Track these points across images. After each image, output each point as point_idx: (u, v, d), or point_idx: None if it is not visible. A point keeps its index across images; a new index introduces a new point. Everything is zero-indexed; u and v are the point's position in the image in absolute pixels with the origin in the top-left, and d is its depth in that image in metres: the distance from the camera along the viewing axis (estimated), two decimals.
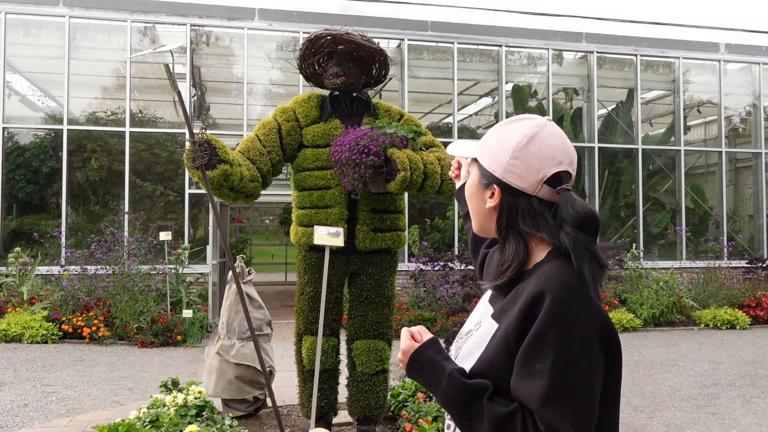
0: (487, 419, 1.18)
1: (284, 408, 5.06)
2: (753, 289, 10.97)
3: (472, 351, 1.30)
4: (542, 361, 1.16)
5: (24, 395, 5.83)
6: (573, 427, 1.13)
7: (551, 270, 1.23)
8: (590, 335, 1.18)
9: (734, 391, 6.25)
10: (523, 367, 1.18)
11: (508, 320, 1.24)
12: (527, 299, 1.21)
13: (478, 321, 1.38)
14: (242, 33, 10.72)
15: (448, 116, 12.97)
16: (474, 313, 1.46)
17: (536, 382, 1.15)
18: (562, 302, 1.17)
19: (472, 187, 1.40)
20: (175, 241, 9.81)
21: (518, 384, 1.18)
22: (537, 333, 1.17)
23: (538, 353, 1.16)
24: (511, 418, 1.16)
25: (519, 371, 1.19)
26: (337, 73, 4.02)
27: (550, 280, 1.20)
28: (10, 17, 10.17)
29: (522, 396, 1.17)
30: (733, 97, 13.27)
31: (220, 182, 3.48)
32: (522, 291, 1.25)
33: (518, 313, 1.21)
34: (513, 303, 1.26)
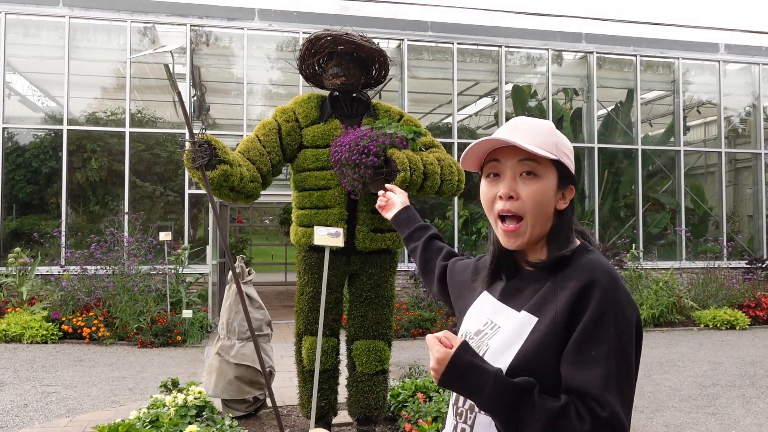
0: (539, 416, 1.17)
1: (284, 408, 5.06)
2: (753, 289, 10.97)
3: (507, 346, 1.28)
4: (598, 348, 1.19)
5: (24, 395, 5.83)
6: (626, 413, 1.18)
7: (595, 262, 1.27)
8: (632, 324, 1.23)
9: (734, 391, 6.26)
10: (578, 355, 1.21)
11: (554, 311, 1.25)
12: (577, 289, 1.24)
13: (488, 320, 1.38)
14: (242, 33, 10.73)
15: (448, 116, 12.97)
16: (477, 312, 1.45)
17: (595, 369, 1.18)
18: (613, 292, 1.22)
19: (550, 190, 1.33)
20: (174, 241, 9.81)
21: (574, 371, 1.20)
22: (592, 322, 1.20)
23: (595, 341, 1.20)
24: (565, 412, 1.17)
25: (573, 359, 1.21)
26: (336, 74, 4.02)
27: (597, 270, 1.25)
28: (10, 17, 10.18)
29: (580, 382, 1.18)
30: (733, 97, 13.28)
31: (220, 182, 3.48)
32: (563, 283, 1.27)
33: (568, 302, 1.24)
34: (553, 295, 1.28)
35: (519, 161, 1.32)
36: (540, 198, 1.31)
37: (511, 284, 1.40)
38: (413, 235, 1.92)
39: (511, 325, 1.31)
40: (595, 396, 1.16)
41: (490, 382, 1.19)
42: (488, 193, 1.37)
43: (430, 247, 1.87)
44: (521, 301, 1.34)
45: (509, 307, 1.36)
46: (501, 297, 1.40)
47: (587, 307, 1.22)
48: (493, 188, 1.36)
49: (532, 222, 1.32)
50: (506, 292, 1.39)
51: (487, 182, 1.38)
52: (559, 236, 1.34)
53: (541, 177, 1.32)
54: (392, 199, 2.05)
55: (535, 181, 1.31)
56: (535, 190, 1.31)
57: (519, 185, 1.32)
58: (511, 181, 1.32)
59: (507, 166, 1.33)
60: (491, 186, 1.36)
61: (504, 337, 1.30)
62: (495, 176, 1.36)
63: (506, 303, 1.37)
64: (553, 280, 1.30)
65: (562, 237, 1.34)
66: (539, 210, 1.32)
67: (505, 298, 1.39)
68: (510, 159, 1.33)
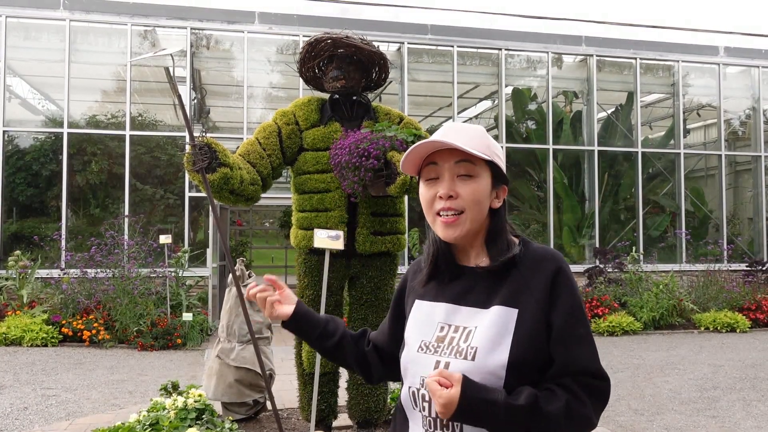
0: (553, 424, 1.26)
1: (284, 411, 5.06)
2: (753, 292, 10.96)
3: (497, 342, 1.30)
4: (583, 325, 1.34)
5: (24, 398, 5.82)
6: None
7: (547, 249, 1.41)
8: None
9: (734, 394, 6.25)
10: (570, 335, 1.33)
11: (534, 299, 1.33)
12: (550, 275, 1.35)
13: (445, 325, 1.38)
14: (242, 36, 10.74)
15: (448, 119, 12.98)
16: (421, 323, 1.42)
17: (585, 345, 1.33)
18: (570, 272, 1.38)
19: (485, 190, 1.40)
20: (175, 244, 9.80)
21: (572, 351, 1.32)
22: (573, 303, 1.34)
23: (579, 319, 1.34)
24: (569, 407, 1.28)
25: (567, 339, 1.32)
26: (337, 77, 4.03)
27: (555, 256, 1.38)
28: (11, 20, 10.19)
29: (580, 362, 1.32)
30: (733, 100, 13.29)
31: (220, 185, 3.48)
32: (528, 272, 1.36)
33: (544, 289, 1.34)
34: (524, 284, 1.35)
35: (456, 163, 1.38)
36: (477, 196, 1.38)
37: (458, 286, 1.43)
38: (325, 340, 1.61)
39: (486, 322, 1.33)
40: (594, 371, 1.33)
41: (502, 412, 1.24)
42: (427, 194, 1.42)
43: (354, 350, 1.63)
44: (481, 299, 1.38)
45: (468, 306, 1.38)
46: (452, 300, 1.41)
47: (562, 290, 1.34)
48: (432, 189, 1.41)
49: (471, 217, 1.39)
50: (457, 294, 1.41)
51: (426, 185, 1.43)
52: (497, 236, 1.42)
53: (476, 177, 1.39)
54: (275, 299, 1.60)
55: (472, 181, 1.38)
56: (473, 189, 1.38)
57: (457, 185, 1.38)
58: (449, 182, 1.39)
59: (445, 168, 1.40)
60: (430, 188, 1.42)
61: (488, 334, 1.31)
62: (434, 179, 1.42)
63: (462, 304, 1.40)
64: (516, 273, 1.36)
65: (500, 237, 1.42)
66: (477, 207, 1.39)
67: (459, 299, 1.41)
68: (447, 161, 1.39)
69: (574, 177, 12.67)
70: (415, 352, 1.39)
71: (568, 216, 12.19)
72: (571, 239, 12.09)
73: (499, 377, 1.28)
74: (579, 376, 1.31)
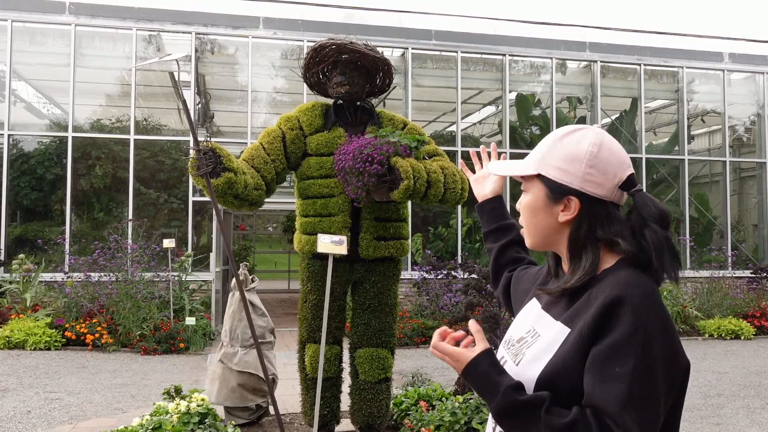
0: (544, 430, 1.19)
1: (287, 416, 5.05)
2: (757, 299, 10.93)
3: (540, 356, 1.29)
4: (622, 365, 1.17)
5: (27, 402, 5.83)
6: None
7: (629, 277, 1.26)
8: (667, 349, 1.21)
9: (738, 401, 6.22)
10: (601, 369, 1.20)
11: (582, 323, 1.26)
12: (604, 303, 1.23)
13: (531, 328, 1.40)
14: (247, 41, 10.77)
15: (452, 125, 13.00)
16: (522, 320, 1.47)
17: (616, 385, 1.17)
18: (644, 310, 1.21)
19: (536, 203, 1.39)
20: (178, 248, 9.82)
21: (595, 386, 1.19)
22: (619, 337, 1.19)
23: (619, 357, 1.18)
24: (571, 428, 1.18)
25: (596, 373, 1.20)
26: (341, 82, 4.04)
27: (630, 287, 1.23)
28: (17, 25, 10.24)
29: (600, 398, 1.18)
30: (737, 106, 13.27)
31: (224, 190, 3.49)
32: (597, 295, 1.27)
33: (594, 315, 1.24)
34: (586, 307, 1.28)
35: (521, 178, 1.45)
36: (528, 211, 1.40)
37: (561, 293, 1.41)
38: (492, 235, 1.82)
39: (548, 336, 1.33)
40: (612, 413, 1.16)
41: (499, 395, 1.23)
42: None
43: (503, 257, 1.81)
44: (559, 311, 1.36)
45: (550, 315, 1.38)
46: (545, 305, 1.42)
47: (615, 322, 1.21)
48: None
49: (527, 231, 1.43)
50: (550, 301, 1.42)
51: None
52: (576, 250, 1.35)
53: (528, 192, 1.41)
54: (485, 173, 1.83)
55: (525, 196, 1.42)
56: (525, 204, 1.42)
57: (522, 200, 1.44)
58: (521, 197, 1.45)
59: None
60: None
61: (540, 347, 1.32)
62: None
63: (548, 311, 1.40)
64: (590, 292, 1.30)
65: (581, 250, 1.34)
66: (531, 221, 1.41)
67: (548, 306, 1.41)
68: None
69: None
70: (504, 340, 1.47)
71: None
72: None
73: (528, 390, 1.27)
74: (598, 411, 1.18)
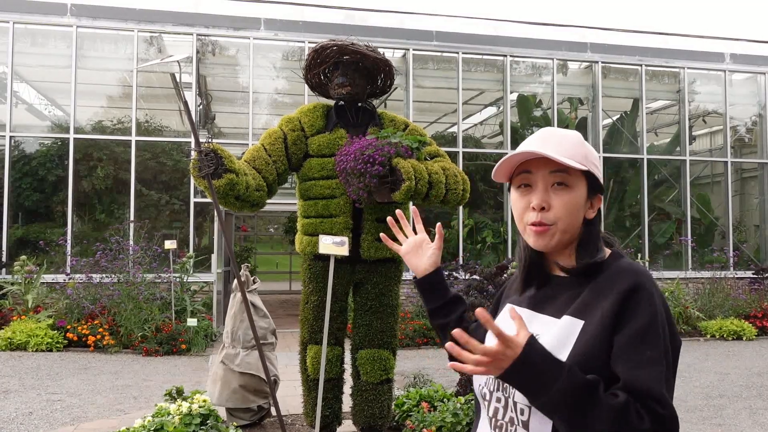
0: (605, 414, 1.17)
1: (288, 417, 5.05)
2: (759, 299, 10.92)
3: (558, 351, 1.26)
4: (654, 349, 1.23)
5: (29, 403, 5.83)
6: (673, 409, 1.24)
7: (634, 266, 1.32)
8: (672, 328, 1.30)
9: (740, 402, 6.22)
10: (634, 355, 1.22)
11: (600, 313, 1.27)
12: (624, 291, 1.26)
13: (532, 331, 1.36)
14: (248, 43, 10.78)
15: (453, 125, 12.99)
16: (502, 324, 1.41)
17: (654, 368, 1.21)
18: (659, 295, 1.28)
19: (581, 200, 1.36)
20: (180, 249, 9.83)
21: (633, 371, 1.21)
22: (644, 322, 1.24)
23: (649, 341, 1.23)
24: (626, 409, 1.18)
25: (629, 359, 1.22)
26: (342, 83, 4.04)
27: (641, 274, 1.29)
28: (18, 27, 10.26)
29: (641, 382, 1.20)
30: (739, 107, 13.26)
31: (226, 191, 3.49)
32: (606, 286, 1.30)
33: (615, 303, 1.26)
34: (597, 298, 1.29)
35: (551, 172, 1.34)
36: (571, 208, 1.34)
37: (541, 293, 1.42)
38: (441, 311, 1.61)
39: (554, 331, 1.32)
40: (657, 395, 1.19)
41: (564, 374, 1.17)
42: (520, 203, 1.39)
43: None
44: (558, 308, 1.35)
45: (545, 315, 1.37)
46: (532, 306, 1.41)
47: (637, 309, 1.25)
48: (524, 198, 1.38)
49: (562, 228, 1.35)
50: (538, 301, 1.41)
51: (519, 192, 1.40)
52: (588, 245, 1.37)
53: (572, 187, 1.34)
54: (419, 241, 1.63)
55: (567, 192, 1.34)
56: (566, 201, 1.34)
57: (551, 196, 1.34)
58: (543, 193, 1.35)
59: (539, 177, 1.35)
60: (523, 196, 1.38)
61: (550, 343, 1.29)
62: (526, 186, 1.38)
63: (540, 311, 1.39)
64: (594, 285, 1.31)
65: (591, 246, 1.37)
66: (570, 219, 1.35)
67: (538, 306, 1.40)
68: (541, 170, 1.35)
69: None
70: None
71: None
72: None
73: None
74: (639, 397, 1.19)
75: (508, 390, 1.30)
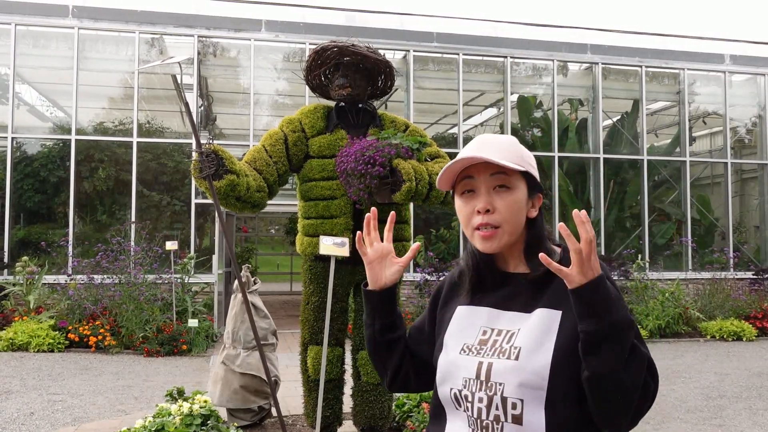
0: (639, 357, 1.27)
1: (289, 418, 5.06)
2: (759, 300, 10.92)
3: (541, 343, 1.32)
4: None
5: (30, 404, 5.85)
6: None
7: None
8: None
9: (741, 403, 6.23)
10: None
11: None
12: None
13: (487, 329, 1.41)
14: (249, 44, 10.80)
15: (453, 127, 13.01)
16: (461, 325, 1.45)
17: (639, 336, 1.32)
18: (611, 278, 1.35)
19: (523, 199, 1.42)
20: (181, 250, 9.84)
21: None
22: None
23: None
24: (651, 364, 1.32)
25: None
26: (343, 85, 4.06)
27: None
28: (20, 28, 10.28)
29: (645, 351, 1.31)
30: (739, 108, 13.27)
31: (226, 192, 3.51)
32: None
33: None
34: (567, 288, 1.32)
35: (491, 175, 1.40)
36: (514, 208, 1.40)
37: (502, 292, 1.45)
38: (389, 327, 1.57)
39: (530, 324, 1.36)
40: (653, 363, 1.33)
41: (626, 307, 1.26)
42: (465, 209, 1.44)
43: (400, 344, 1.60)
44: (525, 303, 1.40)
45: (512, 311, 1.41)
46: (495, 305, 1.44)
47: None
48: (469, 204, 1.43)
49: (509, 230, 1.41)
50: (500, 300, 1.44)
51: (463, 199, 1.45)
52: (536, 245, 1.43)
53: (513, 188, 1.40)
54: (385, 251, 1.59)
55: (509, 193, 1.40)
56: (509, 202, 1.40)
57: (494, 198, 1.40)
58: (486, 196, 1.40)
59: (481, 181, 1.41)
60: (467, 202, 1.44)
61: (532, 335, 1.33)
62: (470, 192, 1.44)
63: (506, 309, 1.42)
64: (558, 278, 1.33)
65: (540, 245, 1.43)
66: (514, 219, 1.40)
67: (502, 305, 1.43)
68: (483, 174, 1.41)
69: (580, 184, 12.66)
70: (457, 354, 1.41)
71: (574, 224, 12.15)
72: None
73: (542, 377, 1.29)
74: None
75: (494, 387, 1.32)
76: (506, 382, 1.30)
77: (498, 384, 1.31)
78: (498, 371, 1.31)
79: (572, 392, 1.29)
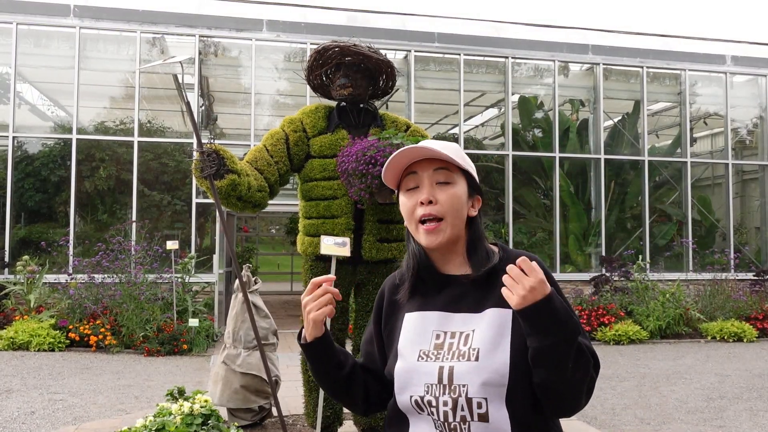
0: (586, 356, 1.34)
1: (290, 418, 5.06)
2: (760, 301, 10.91)
3: (497, 343, 1.37)
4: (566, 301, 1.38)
5: (31, 403, 5.85)
6: None
7: (523, 252, 1.42)
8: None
9: (741, 404, 6.22)
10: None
11: None
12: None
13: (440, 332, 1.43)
14: (250, 44, 10.80)
15: (455, 127, 13.01)
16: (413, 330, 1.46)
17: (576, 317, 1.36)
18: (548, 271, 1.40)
19: (462, 198, 1.49)
20: (181, 250, 9.84)
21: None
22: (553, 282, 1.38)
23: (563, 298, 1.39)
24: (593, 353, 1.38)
25: None
26: (344, 84, 4.06)
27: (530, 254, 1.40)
28: (22, 28, 10.29)
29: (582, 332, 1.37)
30: (740, 109, 13.26)
31: (228, 192, 3.51)
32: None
33: None
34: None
35: (434, 170, 1.48)
36: (455, 202, 1.47)
37: (447, 295, 1.48)
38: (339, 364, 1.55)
39: (483, 324, 1.39)
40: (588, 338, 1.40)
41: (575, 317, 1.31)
42: (409, 203, 1.51)
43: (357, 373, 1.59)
44: (474, 303, 1.44)
45: (463, 312, 1.44)
46: (443, 307, 1.47)
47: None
48: (412, 198, 1.50)
49: (451, 222, 1.47)
50: (448, 302, 1.47)
51: (407, 194, 1.52)
52: (476, 245, 1.50)
53: (454, 184, 1.48)
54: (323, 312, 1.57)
55: (450, 187, 1.48)
56: (451, 195, 1.47)
57: (437, 191, 1.47)
58: (429, 188, 1.48)
59: (424, 176, 1.49)
60: (411, 197, 1.51)
61: (487, 335, 1.38)
62: (413, 189, 1.50)
63: (455, 311, 1.45)
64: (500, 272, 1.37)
65: (479, 245, 1.50)
66: (456, 212, 1.47)
67: (451, 307, 1.46)
68: (426, 170, 1.48)
69: (581, 185, 12.66)
70: (414, 361, 1.42)
71: (575, 224, 12.17)
72: (577, 247, 12.08)
73: (502, 375, 1.33)
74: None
75: (458, 389, 1.34)
76: (470, 383, 1.34)
77: (461, 386, 1.34)
78: (460, 373, 1.35)
79: (529, 386, 1.35)
